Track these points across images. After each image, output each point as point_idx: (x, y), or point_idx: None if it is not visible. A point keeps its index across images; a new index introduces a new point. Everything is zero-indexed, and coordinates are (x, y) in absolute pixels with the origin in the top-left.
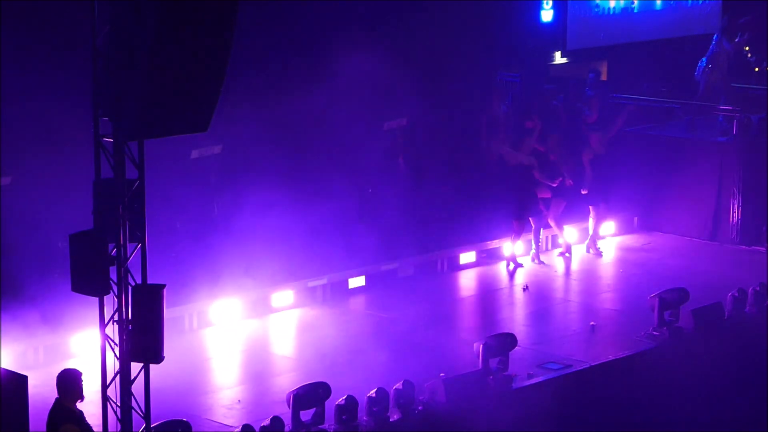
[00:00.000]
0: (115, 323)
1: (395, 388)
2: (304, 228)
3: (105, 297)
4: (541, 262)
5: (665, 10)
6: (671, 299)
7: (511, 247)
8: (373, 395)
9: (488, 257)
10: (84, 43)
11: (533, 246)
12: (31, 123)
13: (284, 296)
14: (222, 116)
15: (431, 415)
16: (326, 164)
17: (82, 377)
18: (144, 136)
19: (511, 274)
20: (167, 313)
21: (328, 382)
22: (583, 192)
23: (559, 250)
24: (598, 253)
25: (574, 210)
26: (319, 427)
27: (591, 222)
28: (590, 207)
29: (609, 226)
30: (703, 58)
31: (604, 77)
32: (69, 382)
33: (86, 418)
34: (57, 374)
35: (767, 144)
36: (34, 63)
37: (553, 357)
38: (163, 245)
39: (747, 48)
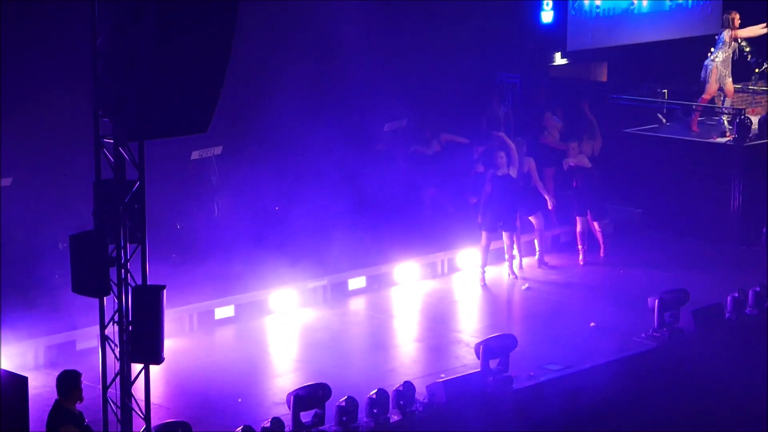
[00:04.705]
0: (115, 324)
1: (395, 389)
2: (304, 229)
3: (105, 298)
4: (515, 275)
5: (665, 12)
6: (671, 300)
7: (482, 257)
8: (374, 396)
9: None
10: (84, 43)
11: (507, 258)
12: (31, 124)
13: (284, 297)
14: (222, 117)
15: (431, 416)
16: (326, 164)
17: (81, 378)
18: (144, 137)
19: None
20: (167, 314)
21: (328, 383)
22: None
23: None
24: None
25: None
26: (320, 428)
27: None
28: (577, 217)
29: (609, 228)
30: (708, 60)
31: (603, 78)
32: (68, 383)
33: (86, 419)
34: (57, 376)
35: (767, 144)
36: (34, 63)
37: (554, 358)
38: (163, 246)
39: (747, 49)
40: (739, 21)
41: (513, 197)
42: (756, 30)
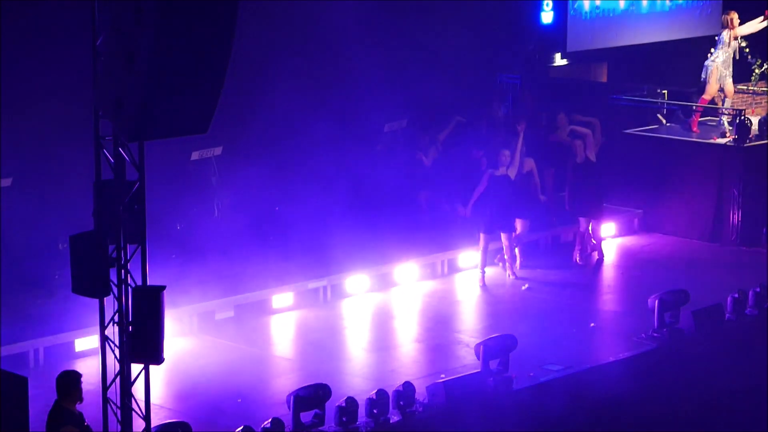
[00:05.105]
0: (115, 324)
1: (395, 390)
2: (304, 229)
3: (105, 298)
4: (515, 275)
5: (665, 12)
6: (671, 300)
7: (481, 258)
8: (374, 397)
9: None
10: (84, 44)
11: (507, 258)
12: (31, 124)
13: (284, 298)
14: (222, 117)
15: (431, 416)
16: (327, 165)
17: (82, 379)
18: (144, 138)
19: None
20: (167, 314)
21: (328, 384)
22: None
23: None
24: (595, 258)
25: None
26: (320, 428)
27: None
28: (580, 219)
29: (611, 228)
30: (709, 60)
31: (603, 79)
32: (68, 384)
33: (86, 420)
34: (57, 376)
35: (767, 145)
36: (34, 63)
37: (553, 358)
38: (163, 246)
39: (747, 49)
40: (738, 20)
41: (510, 198)
42: (754, 25)
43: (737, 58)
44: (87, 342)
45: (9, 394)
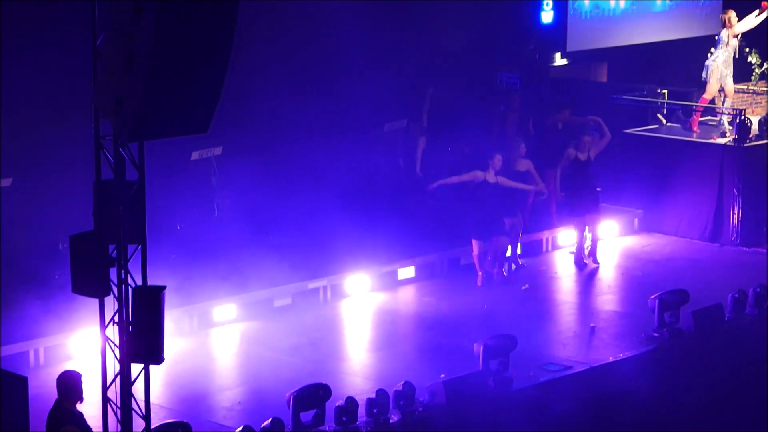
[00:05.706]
0: (115, 324)
1: (395, 390)
2: (303, 229)
3: (105, 298)
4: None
5: (665, 12)
6: (671, 301)
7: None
8: (374, 397)
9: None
10: (84, 44)
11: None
12: (31, 124)
13: (284, 298)
14: (223, 117)
15: (431, 416)
16: (327, 165)
17: (82, 379)
18: (144, 138)
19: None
20: (167, 314)
21: (328, 384)
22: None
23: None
24: (595, 258)
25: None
26: (319, 428)
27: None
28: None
29: (611, 228)
30: (709, 60)
31: (603, 79)
32: (69, 384)
33: (86, 420)
34: (57, 376)
35: (767, 145)
36: (34, 63)
37: (553, 358)
38: (163, 246)
39: (747, 49)
40: (736, 18)
41: (499, 203)
42: (751, 20)
43: (737, 56)
44: (87, 342)
45: (9, 394)
